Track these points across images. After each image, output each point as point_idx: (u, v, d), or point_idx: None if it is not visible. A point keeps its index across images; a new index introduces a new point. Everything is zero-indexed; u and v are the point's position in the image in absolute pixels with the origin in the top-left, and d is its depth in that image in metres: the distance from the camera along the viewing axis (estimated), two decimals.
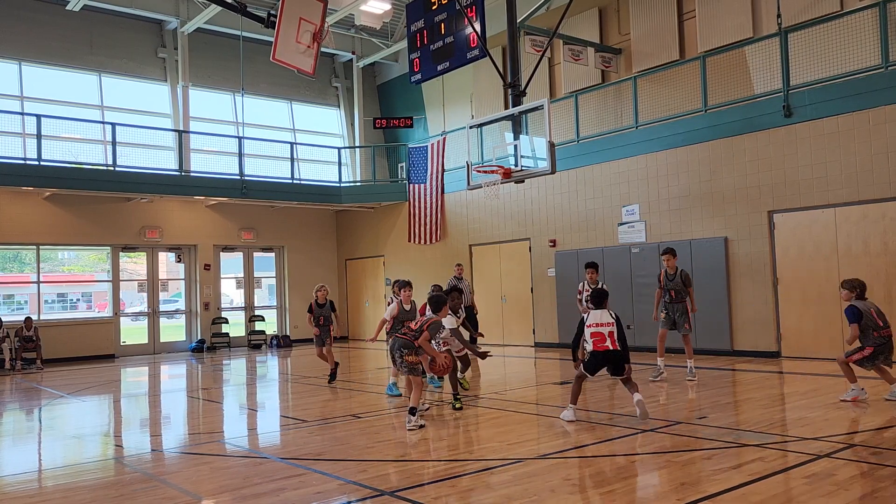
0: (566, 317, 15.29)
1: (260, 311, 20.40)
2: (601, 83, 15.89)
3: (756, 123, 12.33)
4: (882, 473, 5.06)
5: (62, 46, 17.80)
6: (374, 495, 5.02)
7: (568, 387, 10.14)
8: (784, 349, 12.03)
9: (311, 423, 7.83)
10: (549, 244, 15.69)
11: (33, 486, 5.86)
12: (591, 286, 10.50)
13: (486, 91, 18.56)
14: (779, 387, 9.53)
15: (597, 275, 10.82)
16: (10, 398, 11.35)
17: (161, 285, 19.17)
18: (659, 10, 15.20)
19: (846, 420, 7.03)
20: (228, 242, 19.80)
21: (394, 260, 19.76)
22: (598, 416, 7.54)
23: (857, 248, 11.16)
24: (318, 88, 21.91)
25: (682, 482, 5.05)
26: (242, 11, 12.75)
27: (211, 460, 6.45)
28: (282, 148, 19.63)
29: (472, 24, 11.86)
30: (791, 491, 4.78)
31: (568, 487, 5.00)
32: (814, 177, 11.62)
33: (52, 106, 17.51)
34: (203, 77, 19.68)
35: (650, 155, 13.86)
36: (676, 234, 13.41)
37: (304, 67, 12.43)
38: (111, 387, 12.50)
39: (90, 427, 8.75)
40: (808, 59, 11.85)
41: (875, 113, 10.96)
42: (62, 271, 19.85)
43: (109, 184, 16.50)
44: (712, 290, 12.77)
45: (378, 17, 18.14)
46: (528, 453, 6.06)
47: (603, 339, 7.27)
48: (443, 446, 6.65)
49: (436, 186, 18.38)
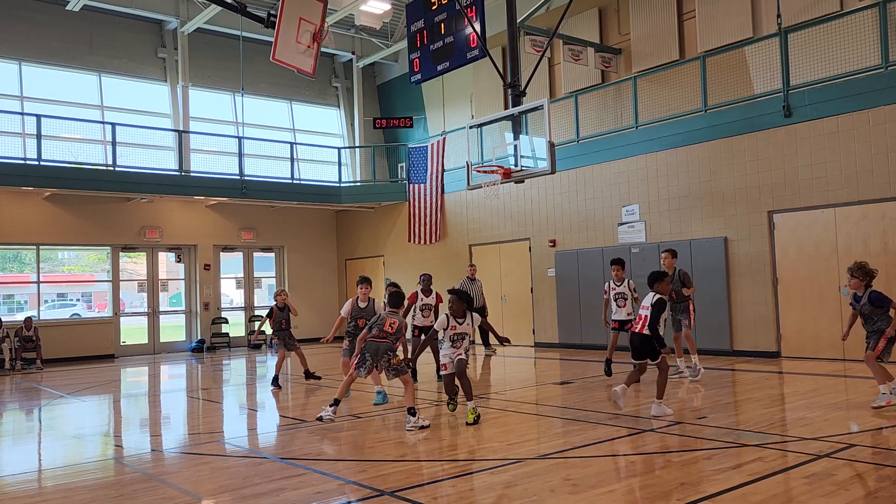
0: (566, 317, 15.30)
1: (260, 311, 20.40)
2: (601, 83, 15.89)
3: (756, 123, 12.33)
4: (882, 473, 5.06)
5: (62, 46, 17.80)
6: (374, 495, 5.01)
7: (568, 387, 10.16)
8: (784, 349, 12.03)
9: (311, 423, 7.83)
10: (549, 244, 15.69)
11: (33, 486, 5.86)
12: (618, 284, 10.27)
13: (486, 91, 18.56)
14: (779, 387, 9.53)
15: (623, 271, 10.31)
16: (10, 398, 11.35)
17: (161, 285, 19.17)
18: (659, 10, 15.20)
19: (846, 420, 7.03)
20: (228, 242, 19.80)
21: (394, 260, 19.76)
22: (597, 417, 7.54)
23: (857, 248, 11.15)
24: (318, 88, 21.91)
25: (682, 482, 5.05)
26: (242, 11, 12.75)
27: (211, 460, 6.45)
28: (282, 148, 19.63)
29: (472, 24, 11.86)
30: (791, 491, 4.78)
31: (568, 487, 5.00)
32: (814, 177, 11.62)
33: (52, 106, 17.51)
34: (203, 77, 19.68)
35: (650, 155, 13.86)
36: (676, 234, 13.41)
37: (304, 67, 12.43)
38: (111, 387, 12.50)
39: (90, 427, 8.75)
40: (808, 59, 11.85)
41: (875, 113, 10.96)
42: (62, 271, 19.85)
43: (109, 184, 16.50)
44: (712, 291, 12.77)
45: (378, 17, 18.14)
46: (528, 453, 6.06)
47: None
48: (443, 446, 6.65)
49: (436, 186, 18.38)
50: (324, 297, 21.29)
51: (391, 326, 7.54)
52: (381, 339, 7.49)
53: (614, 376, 10.06)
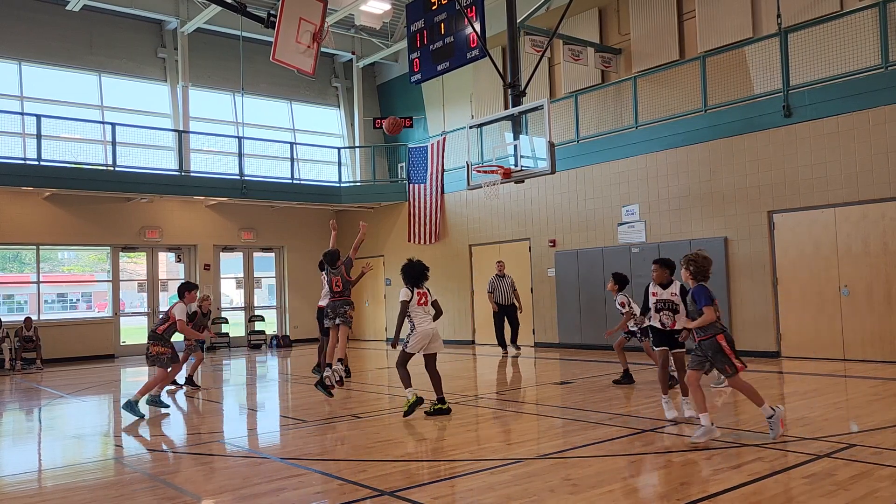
0: (566, 317, 15.30)
1: (260, 311, 20.41)
2: (601, 83, 15.89)
3: (756, 123, 12.33)
4: (882, 473, 5.06)
5: (62, 46, 17.79)
6: (374, 495, 5.01)
7: (568, 387, 10.16)
8: (784, 349, 12.03)
9: (311, 423, 7.83)
10: (549, 244, 15.69)
11: (33, 486, 5.86)
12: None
13: (486, 91, 18.56)
14: (779, 387, 9.53)
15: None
16: (10, 398, 11.35)
17: (161, 285, 19.17)
18: (659, 10, 15.20)
19: (846, 420, 7.04)
20: (228, 242, 19.80)
21: (394, 260, 19.74)
22: (597, 417, 7.54)
23: (856, 248, 11.16)
24: (317, 88, 21.91)
25: (682, 482, 5.05)
26: (242, 11, 12.75)
27: (211, 460, 6.45)
28: (282, 148, 19.63)
29: (472, 24, 11.86)
30: (791, 491, 4.78)
31: (568, 487, 5.00)
32: (814, 177, 11.62)
33: (52, 106, 17.50)
34: (203, 77, 19.68)
35: (650, 155, 13.86)
36: (676, 234, 13.41)
37: (304, 67, 12.43)
38: (111, 387, 12.49)
39: (90, 427, 8.75)
40: (808, 59, 11.85)
41: (875, 113, 10.96)
42: (62, 271, 19.85)
43: (109, 184, 16.50)
44: (712, 291, 12.74)
45: (378, 17, 18.14)
46: (528, 453, 6.06)
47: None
48: (443, 446, 6.65)
49: (436, 186, 18.38)
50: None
51: (337, 284, 9.31)
52: (338, 297, 9.32)
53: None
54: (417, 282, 7.98)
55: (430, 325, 7.89)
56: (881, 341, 10.89)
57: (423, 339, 7.84)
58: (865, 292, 11.05)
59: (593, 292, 14.67)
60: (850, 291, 11.19)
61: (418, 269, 8.00)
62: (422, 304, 7.92)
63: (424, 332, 7.84)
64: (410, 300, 7.88)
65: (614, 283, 9.93)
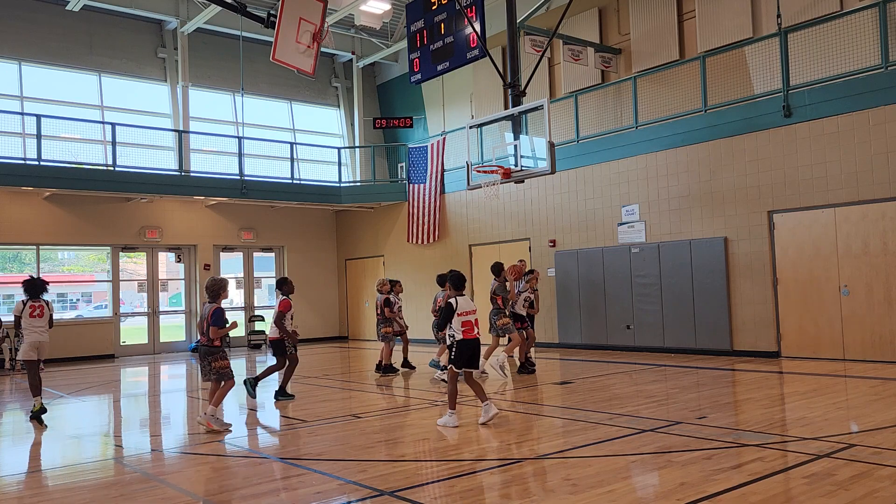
0: (566, 317, 15.30)
1: (260, 312, 20.40)
2: (601, 83, 15.89)
3: (756, 123, 12.33)
4: (882, 473, 5.06)
5: (62, 46, 17.80)
6: (374, 495, 5.01)
7: (568, 387, 10.16)
8: (784, 349, 12.03)
9: (311, 423, 7.83)
10: (549, 244, 15.69)
11: (33, 486, 5.86)
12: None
13: (485, 91, 18.56)
14: (779, 387, 9.53)
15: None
16: (10, 398, 11.35)
17: (161, 285, 19.17)
18: (659, 10, 15.20)
19: (846, 420, 7.04)
20: (228, 242, 19.80)
21: (393, 260, 19.76)
22: (597, 417, 7.54)
23: (856, 248, 11.16)
24: (317, 88, 21.92)
25: (682, 482, 5.05)
26: (242, 11, 12.76)
27: (211, 460, 6.45)
28: (281, 148, 19.63)
29: (472, 24, 11.86)
30: (791, 491, 4.78)
31: (568, 487, 5.00)
32: (814, 177, 11.62)
33: (52, 106, 17.51)
34: (203, 77, 19.68)
35: (650, 155, 13.86)
36: (676, 234, 13.42)
37: (303, 67, 12.43)
38: (111, 387, 12.49)
39: (90, 427, 8.75)
40: (808, 59, 11.85)
41: (875, 113, 10.97)
42: (62, 271, 19.84)
43: (109, 184, 16.50)
44: (712, 291, 12.77)
45: (378, 17, 18.14)
46: (528, 453, 6.06)
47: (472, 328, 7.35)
48: (443, 446, 6.65)
49: (435, 186, 18.38)
50: (324, 297, 21.31)
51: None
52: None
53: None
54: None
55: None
56: (881, 341, 10.89)
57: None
58: (865, 292, 11.06)
59: (593, 292, 14.67)
60: (850, 291, 11.19)
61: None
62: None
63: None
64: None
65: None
